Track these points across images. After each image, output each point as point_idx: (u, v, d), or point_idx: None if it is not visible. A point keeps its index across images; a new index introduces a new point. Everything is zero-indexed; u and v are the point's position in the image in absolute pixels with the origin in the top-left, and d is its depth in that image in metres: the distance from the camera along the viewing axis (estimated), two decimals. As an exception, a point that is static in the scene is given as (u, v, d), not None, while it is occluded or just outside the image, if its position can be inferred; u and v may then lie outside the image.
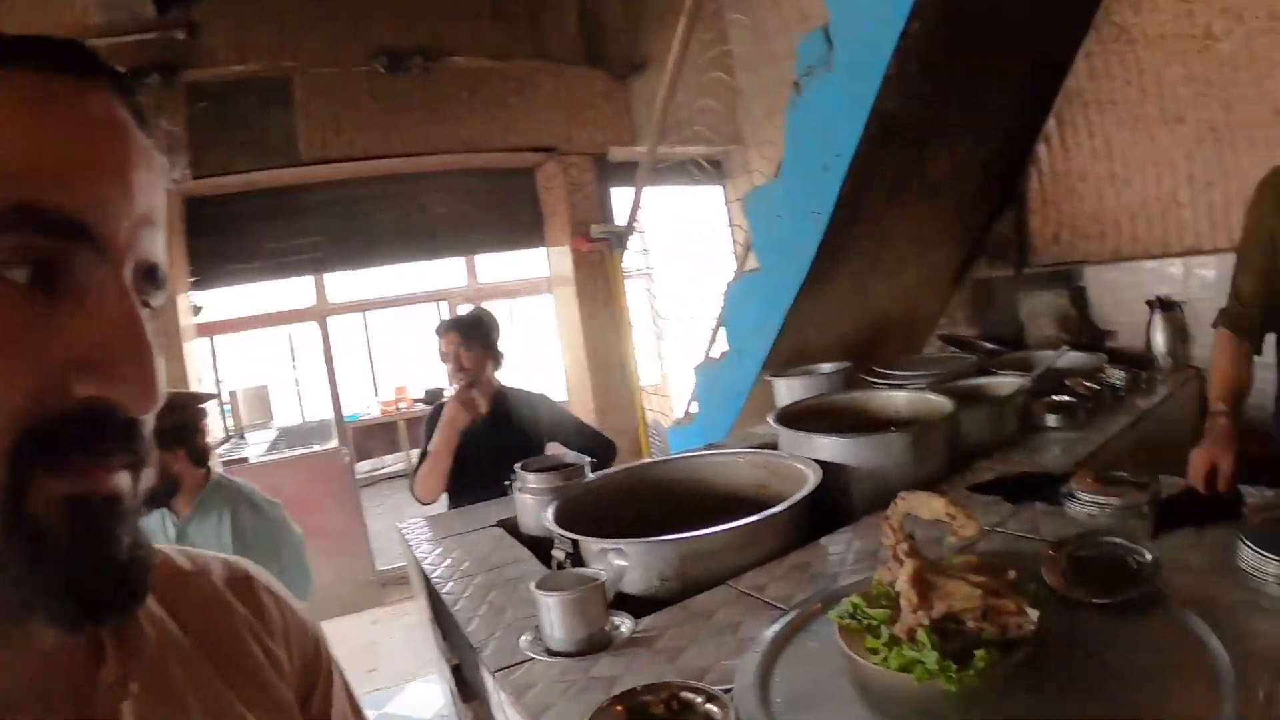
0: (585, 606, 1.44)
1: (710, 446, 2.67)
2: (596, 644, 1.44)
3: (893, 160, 3.03)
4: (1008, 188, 3.92)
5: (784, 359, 3.39)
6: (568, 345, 6.46)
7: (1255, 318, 2.02)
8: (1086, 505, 1.83)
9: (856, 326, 3.74)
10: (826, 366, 3.00)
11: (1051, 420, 2.53)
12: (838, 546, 1.82)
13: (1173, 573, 1.45)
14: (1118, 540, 1.56)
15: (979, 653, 1.15)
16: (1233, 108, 3.11)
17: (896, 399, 2.54)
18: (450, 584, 1.91)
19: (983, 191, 3.83)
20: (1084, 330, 3.61)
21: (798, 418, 2.42)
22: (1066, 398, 2.64)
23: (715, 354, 4.14)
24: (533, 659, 1.45)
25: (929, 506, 1.36)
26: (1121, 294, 3.54)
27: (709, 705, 1.17)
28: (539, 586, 1.47)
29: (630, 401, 6.17)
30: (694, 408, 4.33)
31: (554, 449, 2.97)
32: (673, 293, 5.57)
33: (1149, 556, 1.48)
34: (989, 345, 3.76)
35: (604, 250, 5.93)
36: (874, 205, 3.13)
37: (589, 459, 2.25)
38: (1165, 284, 3.37)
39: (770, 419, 2.37)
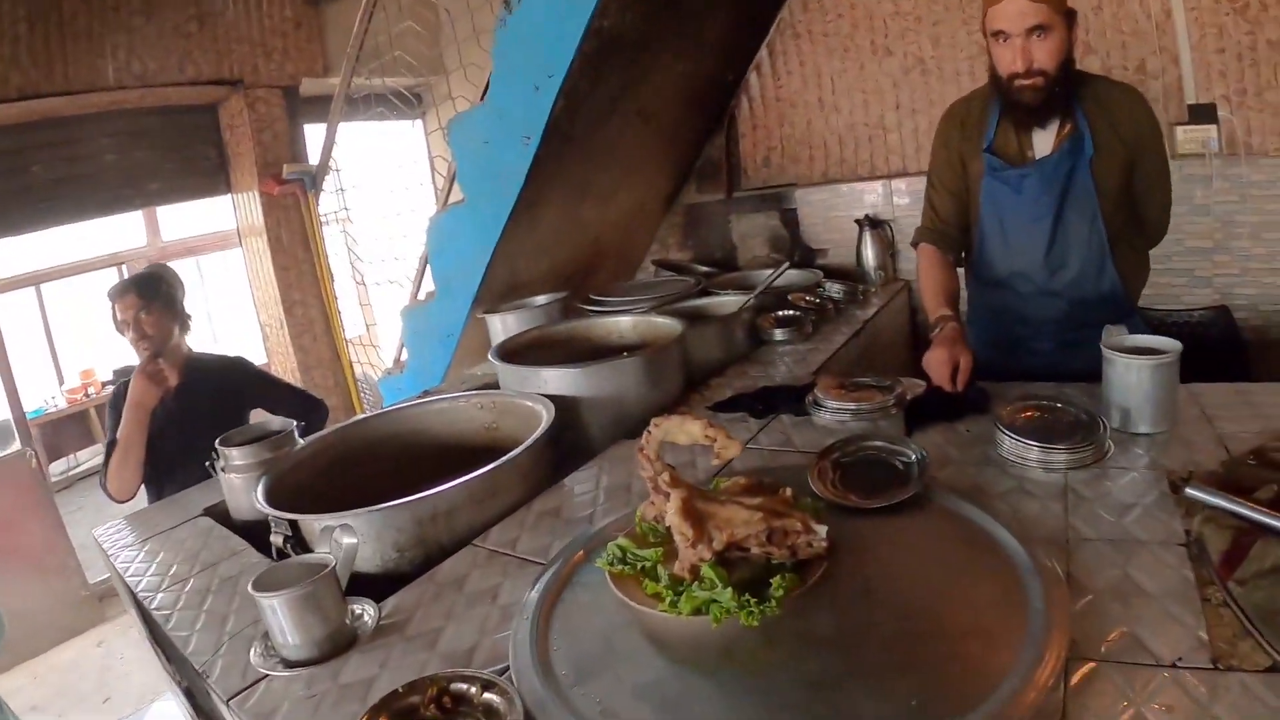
0: (317, 601, 1.15)
1: (426, 394, 2.39)
2: (340, 643, 1.18)
3: (607, 82, 2.90)
4: (719, 113, 3.96)
5: (496, 294, 3.23)
6: (262, 301, 5.82)
7: (952, 232, 2.11)
8: (835, 412, 1.79)
9: (570, 256, 3.64)
10: (542, 299, 2.84)
11: (779, 334, 2.55)
12: (585, 485, 1.63)
13: (937, 469, 1.44)
14: (879, 443, 1.51)
15: (775, 580, 1.01)
16: (939, 41, 3.37)
17: (621, 324, 2.42)
18: (159, 595, 1.51)
19: (694, 116, 3.84)
20: (796, 250, 3.73)
21: (519, 352, 2.23)
22: (791, 312, 2.66)
23: (423, 296, 3.88)
24: (269, 675, 1.15)
25: (685, 431, 1.19)
26: (831, 214, 3.71)
27: (487, 694, 0.95)
28: (258, 587, 1.14)
29: (336, 356, 5.71)
30: (405, 356, 4.02)
31: (258, 418, 2.51)
32: (374, 236, 5.10)
33: (914, 455, 1.44)
34: (703, 268, 3.78)
35: (297, 193, 5.34)
36: (586, 128, 2.99)
37: (297, 423, 1.86)
38: (873, 204, 3.58)
39: (490, 355, 2.15)
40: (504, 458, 1.52)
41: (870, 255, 3.40)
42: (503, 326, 2.72)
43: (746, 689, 0.93)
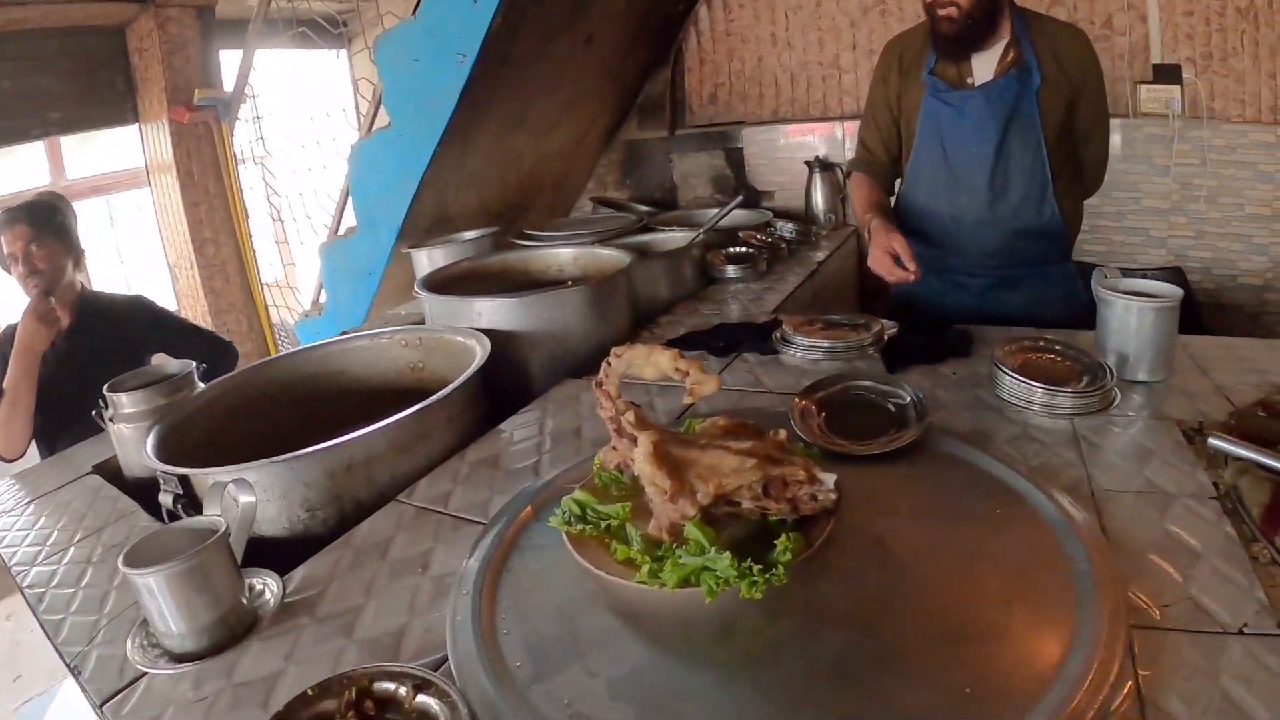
0: (204, 576, 0.91)
1: (345, 335, 2.11)
2: (236, 629, 0.94)
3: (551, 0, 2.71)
4: (665, 46, 3.73)
5: (422, 228, 3.01)
6: (171, 240, 5.36)
7: (884, 164, 2.13)
8: (807, 350, 1.62)
9: (502, 189, 3.38)
10: (472, 233, 2.62)
11: (731, 271, 2.37)
12: (526, 431, 1.42)
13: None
14: (866, 382, 1.34)
15: (781, 541, 0.82)
16: (901, -20, 3.21)
17: (562, 256, 2.20)
18: (32, 570, 1.25)
19: (640, 48, 3.60)
20: (740, 190, 3.52)
21: (449, 284, 1.98)
22: (744, 249, 2.49)
23: (343, 232, 3.61)
24: (149, 673, 0.91)
25: (652, 363, 0.99)
26: (779, 155, 3.55)
27: (422, 697, 0.73)
28: (131, 561, 0.89)
29: (250, 299, 5.30)
30: (324, 298, 3.75)
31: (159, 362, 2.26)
32: (293, 168, 4.74)
33: (907, 396, 1.27)
34: (642, 207, 3.55)
35: (209, 122, 4.91)
36: (525, 49, 2.77)
37: (198, 365, 1.62)
38: (824, 145, 3.42)
39: (416, 287, 1.92)
40: (432, 398, 1.30)
41: (820, 198, 3.24)
42: (429, 262, 2.49)
43: (753, 679, 0.74)
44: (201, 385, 1.60)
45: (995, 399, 1.32)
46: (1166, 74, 2.84)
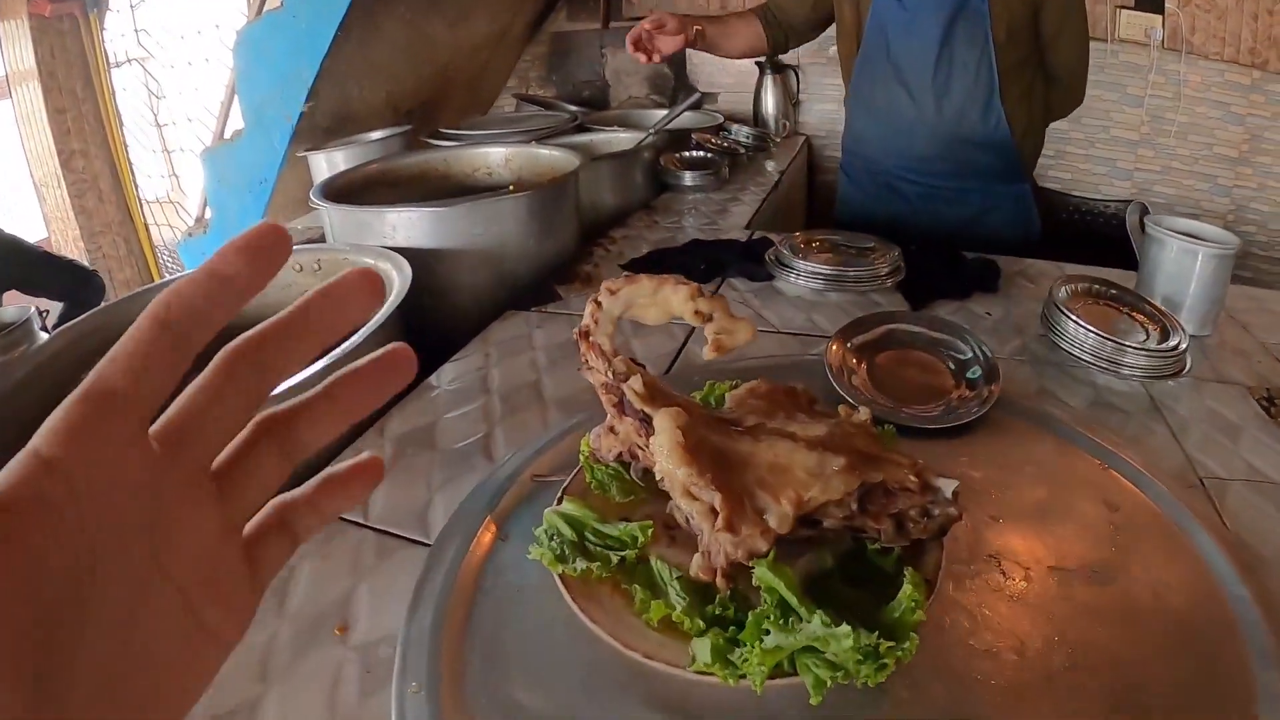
0: None
1: None
2: None
3: None
4: None
5: (321, 129, 2.65)
6: (36, 155, 4.81)
7: (782, 18, 2.03)
8: (811, 277, 1.35)
9: (413, 84, 3.00)
10: (379, 133, 2.36)
11: (689, 179, 2.07)
12: (466, 385, 1.10)
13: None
14: (915, 328, 1.09)
15: (906, 591, 0.56)
16: None
17: (491, 158, 1.85)
18: None
19: None
20: (680, 92, 3.21)
21: (354, 191, 1.63)
22: (701, 153, 2.18)
23: (229, 135, 3.20)
24: None
25: (660, 301, 0.70)
26: None
27: None
28: None
29: (128, 218, 4.81)
30: (210, 213, 3.34)
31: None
32: (171, 63, 4.29)
33: (970, 350, 1.02)
34: (571, 106, 3.13)
35: (76, 14, 4.41)
36: None
37: (49, 303, 1.26)
38: None
39: (313, 196, 1.54)
40: (337, 350, 0.95)
41: (770, 103, 2.94)
42: (329, 167, 2.18)
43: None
44: (44, 335, 1.24)
45: (1048, 350, 1.09)
46: (1149, 1, 2.75)
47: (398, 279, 1.16)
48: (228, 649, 0.30)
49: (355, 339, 0.99)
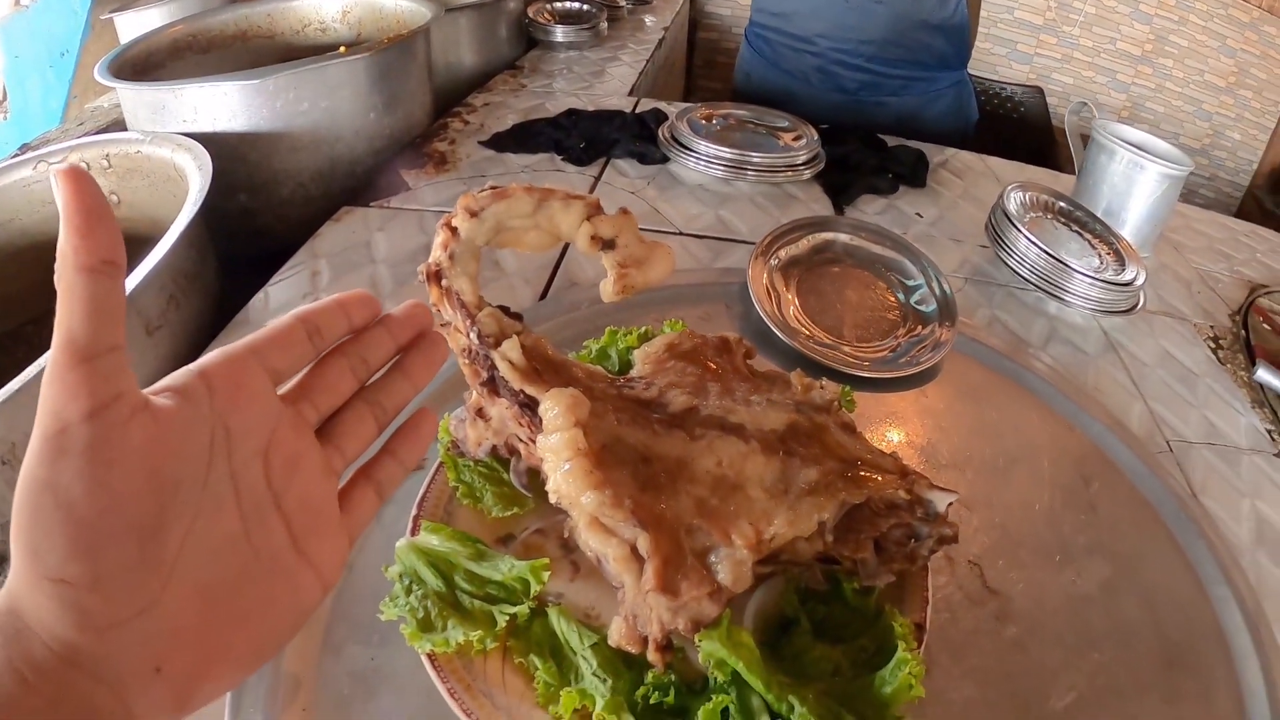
0: None
1: (25, 149, 1.42)
2: None
3: None
4: None
5: None
6: None
7: None
8: (712, 162, 1.17)
9: None
10: None
11: (561, 34, 1.82)
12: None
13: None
14: (855, 240, 0.95)
15: (903, 654, 0.43)
16: None
17: (325, 11, 1.56)
18: None
19: None
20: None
21: (155, 63, 1.34)
22: (575, 4, 1.93)
23: (25, 0, 2.80)
24: None
25: (542, 222, 0.52)
26: None
27: None
28: None
29: None
30: (8, 96, 2.91)
31: None
32: None
33: (922, 278, 0.91)
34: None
35: None
36: None
37: None
38: None
39: (99, 71, 1.23)
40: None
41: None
42: (140, 31, 1.83)
43: None
44: None
45: (993, 266, 0.99)
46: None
47: (198, 175, 0.92)
48: (324, 591, 0.36)
49: (152, 263, 0.76)
